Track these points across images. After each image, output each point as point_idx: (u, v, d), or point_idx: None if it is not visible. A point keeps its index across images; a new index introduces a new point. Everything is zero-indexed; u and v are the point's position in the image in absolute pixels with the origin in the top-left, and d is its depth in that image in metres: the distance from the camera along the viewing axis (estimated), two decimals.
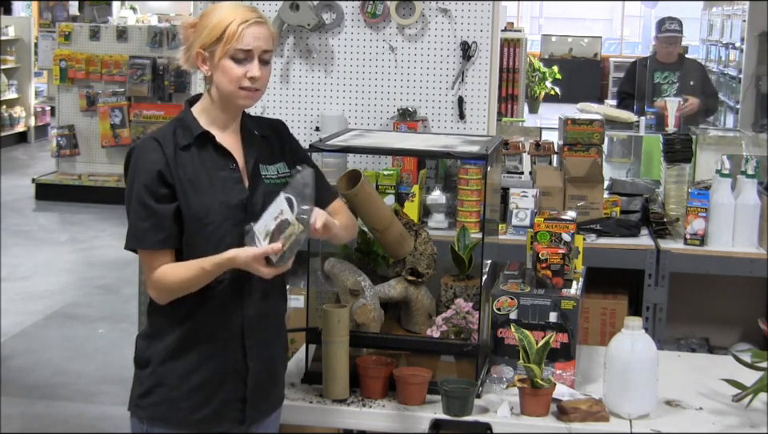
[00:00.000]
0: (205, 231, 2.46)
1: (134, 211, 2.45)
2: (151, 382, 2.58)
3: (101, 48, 10.18)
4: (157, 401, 2.57)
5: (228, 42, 2.44)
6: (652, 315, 3.96)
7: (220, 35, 2.44)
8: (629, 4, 21.12)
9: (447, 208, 4.09)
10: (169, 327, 2.52)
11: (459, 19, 4.39)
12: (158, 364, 2.55)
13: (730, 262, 3.94)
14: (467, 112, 4.43)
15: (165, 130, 2.53)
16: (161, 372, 2.54)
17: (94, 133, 10.18)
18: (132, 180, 2.48)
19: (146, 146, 2.49)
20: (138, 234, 2.46)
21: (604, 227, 4.10)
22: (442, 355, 2.91)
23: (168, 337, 2.52)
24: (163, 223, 2.44)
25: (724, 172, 3.99)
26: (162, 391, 2.55)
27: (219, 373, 2.52)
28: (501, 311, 2.90)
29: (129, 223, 2.47)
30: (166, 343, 2.52)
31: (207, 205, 2.46)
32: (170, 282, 2.46)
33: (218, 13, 2.47)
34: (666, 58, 6.91)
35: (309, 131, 4.51)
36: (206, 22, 2.48)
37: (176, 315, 2.50)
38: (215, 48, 2.45)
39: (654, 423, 2.72)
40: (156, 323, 2.56)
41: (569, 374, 2.88)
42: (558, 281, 2.93)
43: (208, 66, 2.48)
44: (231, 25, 2.44)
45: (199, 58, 2.49)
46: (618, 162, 6.33)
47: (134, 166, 2.49)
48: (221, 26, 2.44)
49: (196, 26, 2.51)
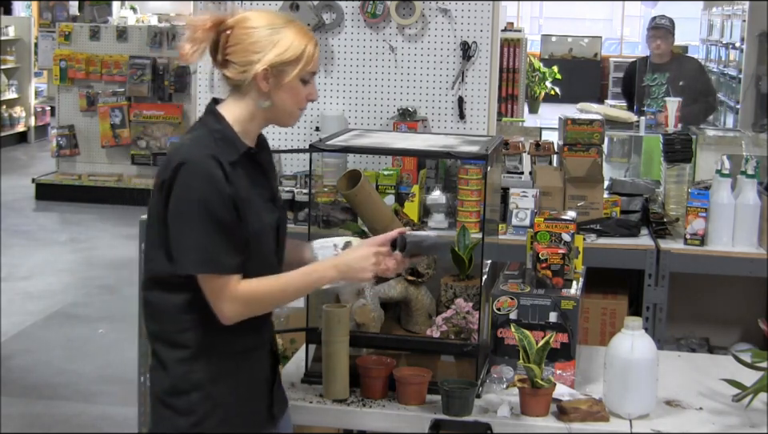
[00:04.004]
0: (260, 253, 2.44)
1: (206, 233, 2.33)
2: (206, 405, 2.44)
3: (101, 48, 10.19)
4: (216, 422, 2.45)
5: (306, 65, 2.43)
6: (652, 315, 3.96)
7: (298, 57, 2.42)
8: (629, 4, 21.13)
9: (447, 208, 4.09)
10: (215, 346, 2.45)
11: (459, 19, 4.39)
12: (210, 384, 2.44)
13: (730, 262, 3.94)
14: (467, 112, 4.44)
15: (208, 142, 2.40)
16: (213, 392, 2.44)
17: (94, 133, 10.18)
18: (194, 199, 2.33)
19: (206, 163, 2.34)
20: (214, 258, 2.34)
21: (604, 227, 4.10)
22: (442, 355, 2.91)
23: (215, 356, 2.45)
24: (238, 246, 2.38)
25: (724, 172, 3.99)
26: (218, 410, 2.45)
27: (260, 381, 2.55)
28: (501, 311, 2.90)
29: (191, 244, 2.34)
30: (215, 361, 2.45)
31: (261, 225, 2.44)
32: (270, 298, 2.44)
33: (287, 32, 2.42)
34: (659, 57, 6.92)
35: (309, 131, 4.51)
36: (270, 37, 2.41)
37: (222, 333, 2.44)
38: (288, 68, 2.42)
39: (654, 424, 2.72)
40: (199, 344, 2.43)
41: (569, 374, 2.88)
42: (558, 281, 2.93)
43: (269, 83, 2.43)
44: (308, 47, 2.43)
45: (263, 73, 2.41)
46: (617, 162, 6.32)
47: (197, 183, 2.33)
48: (298, 48, 2.42)
49: (232, 33, 2.42)
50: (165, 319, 2.45)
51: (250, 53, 2.41)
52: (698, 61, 8.34)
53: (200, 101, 4.59)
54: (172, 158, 2.37)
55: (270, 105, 2.46)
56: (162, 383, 2.46)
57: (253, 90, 2.44)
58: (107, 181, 10.18)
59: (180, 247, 2.35)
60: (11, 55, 13.44)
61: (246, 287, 2.40)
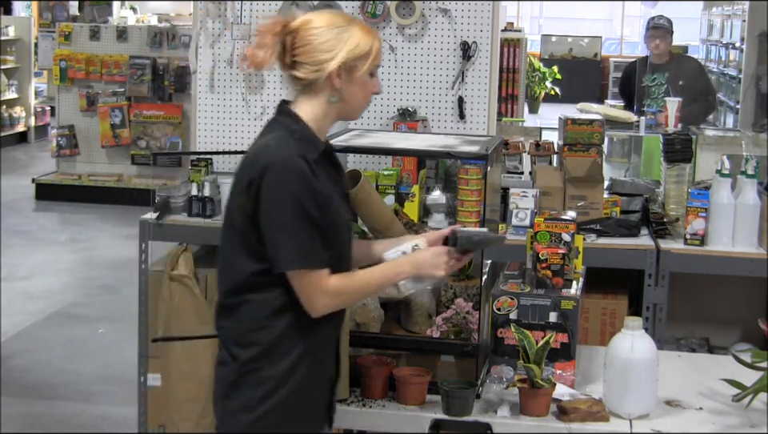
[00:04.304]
0: (339, 248, 2.51)
1: (301, 229, 2.40)
2: (270, 402, 2.48)
3: (101, 48, 10.18)
4: (276, 420, 2.49)
5: (375, 59, 2.54)
6: (652, 315, 3.96)
7: (367, 52, 2.52)
8: (629, 4, 21.12)
9: (447, 208, 4.09)
10: (285, 345, 2.49)
11: (459, 19, 4.39)
12: (277, 382, 2.48)
13: (730, 262, 3.94)
14: (467, 112, 4.44)
15: (291, 142, 2.47)
16: (279, 390, 2.48)
17: (94, 133, 10.17)
18: (288, 196, 2.40)
19: (295, 162, 2.42)
20: (309, 253, 2.42)
21: (604, 227, 4.10)
22: (442, 355, 2.92)
23: (285, 354, 2.49)
24: (325, 241, 2.45)
25: (724, 172, 3.99)
26: (280, 408, 2.49)
27: (324, 381, 2.59)
28: (501, 311, 2.90)
29: (288, 241, 2.40)
30: (284, 360, 2.49)
31: (341, 221, 2.53)
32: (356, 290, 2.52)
33: (355, 30, 2.52)
34: (658, 58, 6.92)
35: None
36: (341, 35, 2.49)
37: (295, 331, 2.49)
38: (359, 63, 2.51)
39: (654, 424, 2.72)
40: (271, 342, 2.48)
41: (569, 374, 2.88)
42: (558, 281, 2.93)
43: (341, 79, 2.51)
44: (375, 43, 2.54)
45: (336, 71, 2.49)
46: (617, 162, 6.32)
47: (289, 181, 2.40)
48: (367, 44, 2.52)
49: (297, 35, 2.49)
50: (243, 317, 2.50)
51: (322, 52, 2.49)
52: (697, 60, 8.34)
53: (200, 101, 4.59)
54: (258, 159, 2.43)
55: (342, 100, 2.54)
56: (228, 378, 2.51)
57: (326, 87, 2.52)
58: (107, 181, 10.18)
59: (276, 244, 2.42)
60: (11, 55, 13.44)
61: (335, 281, 2.47)
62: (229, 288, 2.52)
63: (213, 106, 4.59)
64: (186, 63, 6.41)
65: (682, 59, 7.49)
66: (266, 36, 2.50)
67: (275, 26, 2.51)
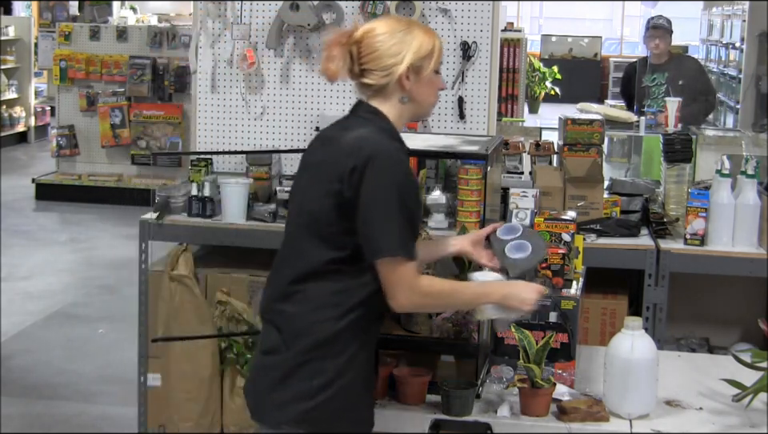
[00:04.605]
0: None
1: (402, 219, 2.46)
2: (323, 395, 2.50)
3: (101, 48, 10.18)
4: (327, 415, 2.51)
5: (438, 57, 2.63)
6: (652, 315, 3.96)
7: (431, 51, 2.61)
8: (629, 4, 21.13)
9: (447, 208, 4.09)
10: (351, 337, 2.52)
11: (459, 19, 4.39)
12: (339, 373, 2.51)
13: (730, 262, 3.94)
14: (467, 112, 4.44)
15: (385, 137, 2.55)
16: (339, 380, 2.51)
17: (94, 133, 10.17)
18: (394, 186, 2.46)
19: (401, 155, 2.53)
20: (407, 243, 2.47)
21: (604, 227, 4.10)
22: (442, 355, 2.91)
23: (349, 347, 2.52)
24: (415, 234, 2.53)
25: (724, 172, 3.99)
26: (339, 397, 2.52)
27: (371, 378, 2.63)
28: None
29: (390, 230, 2.45)
30: (347, 353, 2.52)
31: (421, 216, 2.65)
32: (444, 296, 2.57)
33: (417, 32, 2.60)
34: (657, 58, 6.92)
35: (309, 131, 4.51)
36: (404, 38, 2.57)
37: (361, 323, 2.53)
38: (424, 63, 2.60)
39: (654, 424, 2.72)
40: (333, 334, 2.50)
41: (569, 374, 2.88)
42: (558, 281, 2.93)
43: (410, 80, 2.60)
44: (436, 41, 2.63)
45: (405, 73, 2.58)
46: (617, 162, 6.33)
47: (395, 172, 2.48)
48: (429, 44, 2.61)
49: (362, 43, 2.58)
50: (310, 305, 2.51)
51: (389, 57, 2.58)
52: (696, 60, 8.34)
53: (200, 101, 4.59)
54: (362, 147, 2.48)
55: (413, 100, 2.63)
56: (282, 366, 2.51)
57: (396, 90, 2.61)
58: (107, 181, 10.18)
59: (376, 232, 2.45)
60: (11, 55, 13.44)
61: (426, 280, 2.53)
62: (297, 274, 2.53)
63: (213, 106, 4.59)
64: (186, 63, 6.41)
65: (681, 59, 7.49)
66: (334, 48, 2.59)
67: (341, 37, 2.61)
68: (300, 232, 2.56)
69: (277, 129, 4.55)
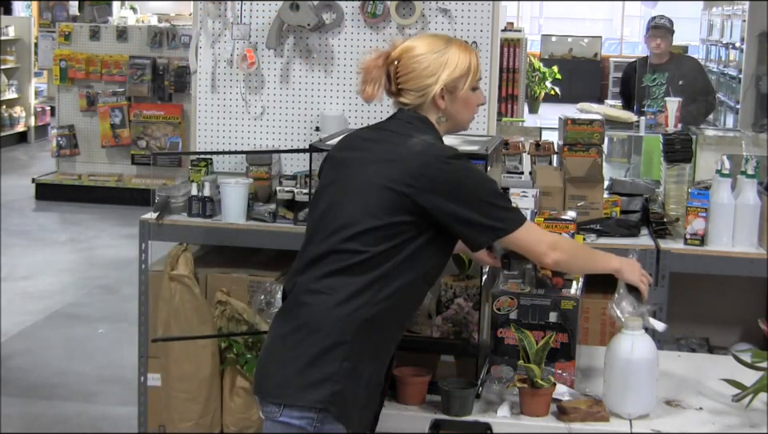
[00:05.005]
0: None
1: (501, 199, 2.57)
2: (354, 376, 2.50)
3: (101, 48, 10.18)
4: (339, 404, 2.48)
5: (474, 76, 2.66)
6: (652, 315, 3.95)
7: (466, 71, 2.64)
8: (629, 4, 21.13)
9: None
10: (380, 326, 2.53)
11: (459, 19, 4.39)
12: (362, 359, 2.50)
13: (730, 262, 3.94)
14: None
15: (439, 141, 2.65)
16: (363, 367, 2.51)
17: (94, 133, 10.17)
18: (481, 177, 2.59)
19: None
20: (517, 210, 2.60)
21: (604, 227, 4.10)
22: (441, 355, 2.91)
23: (377, 335, 2.53)
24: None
25: (724, 172, 3.99)
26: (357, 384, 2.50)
27: (380, 379, 2.61)
28: (501, 311, 2.90)
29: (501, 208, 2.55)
30: (375, 340, 2.53)
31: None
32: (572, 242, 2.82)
33: (453, 50, 2.64)
34: (658, 57, 6.92)
35: (309, 131, 4.51)
36: (439, 59, 2.61)
37: (381, 317, 2.52)
38: (459, 83, 2.64)
39: (653, 424, 2.72)
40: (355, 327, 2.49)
41: (569, 374, 2.88)
42: (558, 281, 2.93)
43: (445, 100, 2.64)
44: (472, 60, 2.66)
45: (439, 93, 2.62)
46: (617, 162, 6.33)
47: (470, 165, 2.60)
48: (465, 63, 2.64)
49: (400, 63, 2.62)
50: (341, 293, 2.49)
51: (424, 78, 2.62)
52: (697, 60, 8.34)
53: (200, 101, 4.59)
54: (427, 152, 2.54)
55: (449, 119, 2.68)
56: (315, 346, 2.47)
57: (432, 109, 2.65)
58: (107, 181, 10.18)
59: (493, 214, 2.53)
60: (11, 55, 13.44)
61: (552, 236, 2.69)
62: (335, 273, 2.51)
63: (213, 106, 4.59)
64: (186, 63, 6.41)
65: (681, 59, 7.49)
66: (371, 71, 2.64)
67: (378, 60, 2.65)
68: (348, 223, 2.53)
69: (277, 129, 4.55)
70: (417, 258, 2.53)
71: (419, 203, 2.50)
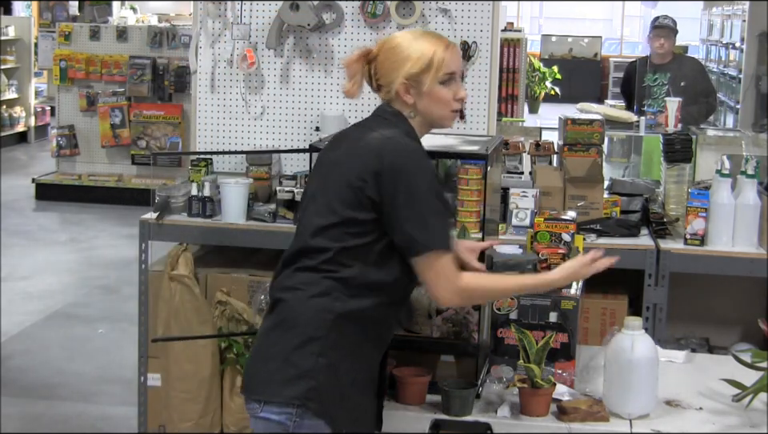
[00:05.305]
0: None
1: (439, 211, 2.49)
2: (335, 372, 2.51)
3: (101, 48, 10.18)
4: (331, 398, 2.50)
5: (438, 70, 2.58)
6: (652, 315, 3.96)
7: (428, 64, 2.57)
8: (629, 4, 21.12)
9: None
10: (358, 325, 2.53)
11: (459, 19, 4.39)
12: (343, 356, 2.51)
13: (730, 262, 3.94)
14: (467, 112, 4.43)
15: (409, 140, 2.57)
16: (343, 363, 2.51)
17: (94, 133, 10.17)
18: (427, 184, 2.49)
19: (422, 151, 2.57)
20: (446, 236, 2.49)
21: (604, 227, 4.10)
22: (441, 355, 2.92)
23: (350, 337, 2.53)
24: (449, 226, 2.55)
25: (724, 172, 3.99)
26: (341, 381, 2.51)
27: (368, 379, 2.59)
28: (501, 311, 2.90)
29: (431, 224, 2.47)
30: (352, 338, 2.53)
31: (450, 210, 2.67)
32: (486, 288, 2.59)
33: (416, 44, 2.58)
34: (660, 57, 6.92)
35: (309, 131, 4.51)
36: (401, 53, 2.58)
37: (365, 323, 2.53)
38: (422, 77, 2.57)
39: (653, 423, 2.72)
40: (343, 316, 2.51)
41: (569, 374, 2.88)
42: None
43: (412, 95, 2.59)
44: (437, 53, 2.57)
45: (403, 88, 2.58)
46: (617, 162, 6.32)
47: (427, 171, 2.53)
48: (426, 56, 2.57)
49: (377, 59, 2.61)
50: (316, 288, 2.50)
51: (390, 72, 2.60)
52: (698, 61, 8.33)
53: (200, 101, 4.59)
54: (388, 148, 2.50)
55: (419, 114, 2.62)
56: (292, 342, 2.48)
57: (401, 104, 2.61)
58: (107, 181, 10.18)
59: (411, 230, 2.46)
60: (11, 55, 13.43)
61: (467, 275, 2.54)
62: (309, 259, 2.53)
63: (213, 106, 4.59)
64: (186, 63, 6.40)
65: (683, 59, 7.48)
66: (351, 66, 2.64)
67: (358, 57, 2.64)
68: (315, 221, 2.55)
69: (277, 129, 4.55)
70: (389, 257, 2.51)
71: (371, 197, 2.49)
